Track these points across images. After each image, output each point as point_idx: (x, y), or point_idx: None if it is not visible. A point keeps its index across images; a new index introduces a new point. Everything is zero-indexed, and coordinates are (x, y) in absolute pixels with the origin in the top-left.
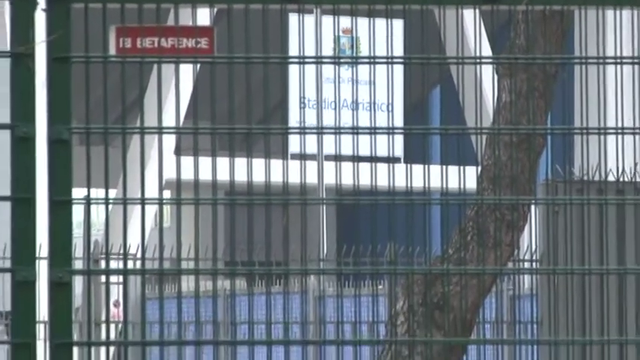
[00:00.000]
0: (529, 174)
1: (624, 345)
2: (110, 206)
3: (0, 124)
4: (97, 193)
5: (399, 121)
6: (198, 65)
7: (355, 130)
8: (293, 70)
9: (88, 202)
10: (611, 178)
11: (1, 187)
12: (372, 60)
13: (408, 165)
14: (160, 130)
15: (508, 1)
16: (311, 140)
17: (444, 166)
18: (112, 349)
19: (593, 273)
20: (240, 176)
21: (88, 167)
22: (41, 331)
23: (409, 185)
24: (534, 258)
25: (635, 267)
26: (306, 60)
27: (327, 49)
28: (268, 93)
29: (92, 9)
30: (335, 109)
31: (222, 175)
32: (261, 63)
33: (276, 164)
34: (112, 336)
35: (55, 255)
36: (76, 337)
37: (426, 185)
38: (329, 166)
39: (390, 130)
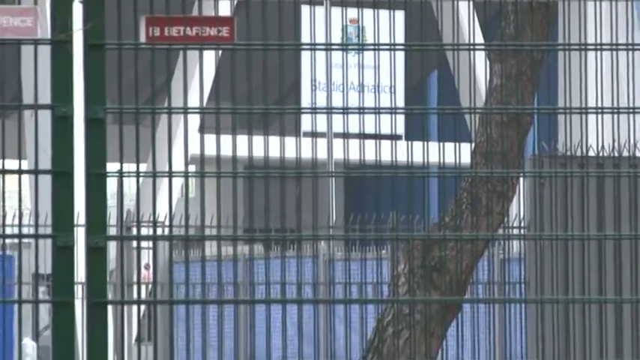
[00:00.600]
0: (518, 150)
1: (603, 304)
2: (141, 179)
3: (41, 105)
4: (129, 167)
5: (400, 102)
6: (220, 52)
7: (361, 110)
8: (305, 56)
9: (120, 175)
10: (591, 153)
11: (42, 162)
12: (376, 47)
13: (409, 142)
14: (185, 111)
15: None
16: (321, 119)
17: (442, 143)
18: (142, 307)
19: (575, 239)
20: (258, 152)
21: (120, 144)
22: (79, 291)
23: (410, 160)
24: (522, 225)
25: (614, 233)
26: (317, 47)
27: (336, 38)
28: (283, 77)
29: (124, 1)
30: (343, 91)
31: (242, 151)
32: (277, 50)
33: (290, 141)
34: (143, 295)
35: (92, 223)
36: (110, 297)
37: (425, 160)
38: (337, 143)
39: (392, 111)
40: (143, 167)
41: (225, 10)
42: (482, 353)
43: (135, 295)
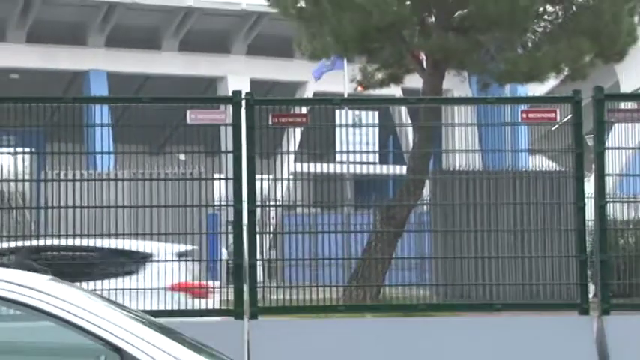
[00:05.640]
0: (426, 167)
1: (466, 232)
2: (270, 182)
3: (228, 151)
4: (265, 176)
5: (376, 148)
6: (302, 128)
7: (360, 151)
8: (337, 130)
9: (261, 180)
10: (457, 169)
11: (229, 174)
12: (367, 125)
13: (382, 165)
14: (287, 153)
15: (415, 103)
16: (344, 156)
17: (394, 166)
18: (270, 236)
19: (447, 205)
20: (318, 169)
21: (261, 166)
22: (244, 229)
23: (381, 172)
24: (428, 199)
25: (467, 202)
26: (342, 126)
27: (350, 121)
28: (329, 138)
29: (262, 108)
30: (353, 145)
31: (312, 169)
32: (325, 126)
33: (331, 165)
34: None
35: (249, 200)
36: (257, 230)
37: (388, 173)
38: (352, 166)
39: (373, 151)
40: (271, 176)
41: (304, 110)
42: (413, 251)
43: (267, 229)
